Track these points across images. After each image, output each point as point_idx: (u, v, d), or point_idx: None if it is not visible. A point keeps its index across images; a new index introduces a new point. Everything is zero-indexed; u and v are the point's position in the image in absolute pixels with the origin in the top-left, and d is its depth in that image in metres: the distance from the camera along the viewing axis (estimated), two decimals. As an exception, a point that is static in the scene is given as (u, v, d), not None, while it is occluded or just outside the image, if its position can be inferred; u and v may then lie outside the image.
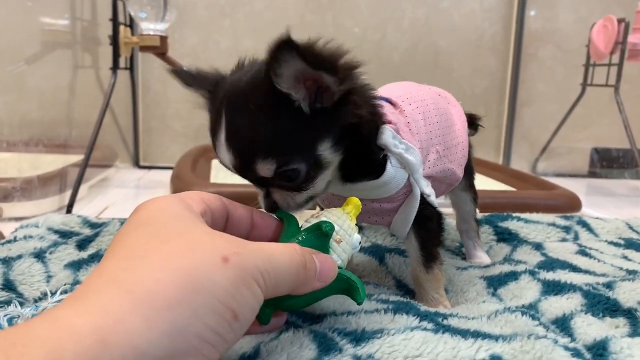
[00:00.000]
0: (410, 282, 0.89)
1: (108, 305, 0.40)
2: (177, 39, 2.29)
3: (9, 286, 0.84)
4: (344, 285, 0.61)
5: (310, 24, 2.35)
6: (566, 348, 0.60)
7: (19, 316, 0.68)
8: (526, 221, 1.20)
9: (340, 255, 0.62)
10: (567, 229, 1.20)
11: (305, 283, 0.55)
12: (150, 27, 1.75)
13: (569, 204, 1.57)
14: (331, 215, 0.64)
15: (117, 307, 0.40)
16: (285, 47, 0.55)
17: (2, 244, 0.97)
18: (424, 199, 0.76)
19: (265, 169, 0.62)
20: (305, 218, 0.66)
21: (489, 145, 2.59)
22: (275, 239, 0.65)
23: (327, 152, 0.65)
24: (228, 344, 0.46)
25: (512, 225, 1.18)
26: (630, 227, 1.24)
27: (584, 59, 2.27)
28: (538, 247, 1.06)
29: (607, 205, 1.91)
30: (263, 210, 0.68)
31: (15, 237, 0.99)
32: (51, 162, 1.50)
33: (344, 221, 0.64)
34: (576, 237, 1.18)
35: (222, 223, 0.61)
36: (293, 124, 0.62)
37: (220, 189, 1.37)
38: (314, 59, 0.57)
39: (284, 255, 0.52)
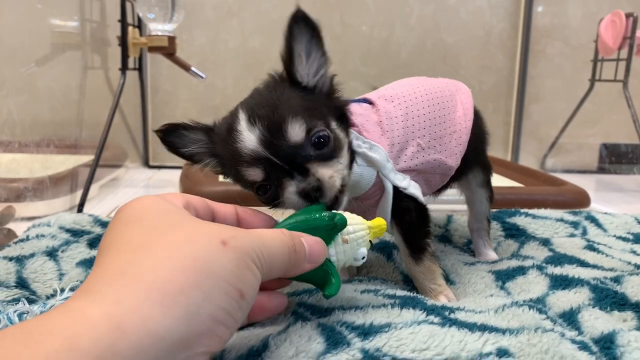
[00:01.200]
0: None
1: (120, 294, 0.41)
2: (186, 39, 2.31)
3: (22, 284, 0.85)
4: (321, 274, 0.62)
5: (318, 23, 2.36)
6: (573, 341, 0.60)
7: (28, 312, 0.69)
8: (534, 217, 1.20)
9: (338, 254, 0.63)
10: (575, 225, 1.20)
11: (296, 266, 0.57)
12: (158, 27, 1.76)
13: (578, 200, 1.56)
14: (352, 218, 0.65)
15: (130, 295, 0.41)
16: (300, 18, 0.67)
17: (15, 242, 0.98)
18: (401, 192, 0.79)
19: (297, 129, 0.65)
20: None
21: (497, 142, 2.59)
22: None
23: (338, 130, 0.71)
24: (237, 323, 0.48)
25: (520, 221, 1.18)
26: (639, 222, 1.23)
27: (592, 55, 2.26)
28: (546, 242, 1.06)
29: (617, 201, 1.91)
30: (251, 208, 0.68)
31: (27, 236, 1.01)
32: (62, 163, 1.52)
33: (360, 230, 0.64)
34: (584, 233, 1.18)
35: (209, 219, 0.62)
36: (307, 100, 0.70)
37: (228, 187, 1.38)
38: (319, 33, 0.69)
39: (274, 239, 0.54)
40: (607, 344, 0.61)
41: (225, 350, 0.57)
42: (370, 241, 0.66)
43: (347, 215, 0.65)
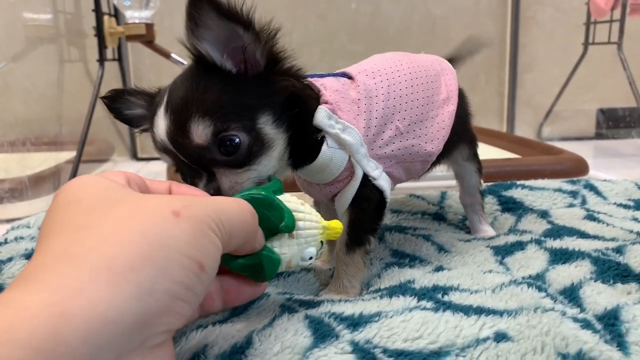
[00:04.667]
0: (407, 249, 0.90)
1: (63, 278, 0.37)
2: (167, 26, 2.24)
3: (0, 290, 0.82)
4: (257, 261, 0.55)
5: (302, 1, 2.31)
6: (575, 320, 0.56)
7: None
8: (531, 188, 1.17)
9: (281, 247, 0.57)
10: (574, 194, 1.17)
11: (253, 237, 0.53)
12: (135, 15, 1.71)
13: (576, 168, 1.53)
14: (308, 214, 0.59)
15: (74, 278, 0.37)
16: (198, 2, 0.58)
17: (-7, 247, 0.95)
18: (368, 180, 0.73)
19: (201, 131, 0.60)
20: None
21: (492, 113, 2.55)
22: None
23: (269, 127, 0.64)
24: (198, 298, 0.44)
25: (516, 193, 1.15)
26: (640, 188, 1.20)
27: (584, 18, 2.21)
28: (544, 214, 1.03)
29: (617, 167, 1.88)
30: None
31: (6, 239, 0.97)
32: (43, 161, 1.48)
33: (312, 228, 0.59)
34: (584, 202, 1.14)
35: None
36: (229, 92, 0.63)
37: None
38: (228, 11, 0.59)
39: (231, 205, 0.50)
40: (611, 320, 0.58)
41: (207, 346, 0.55)
42: (321, 242, 0.61)
43: (305, 209, 0.60)
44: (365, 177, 0.73)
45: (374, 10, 2.40)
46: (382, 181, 0.75)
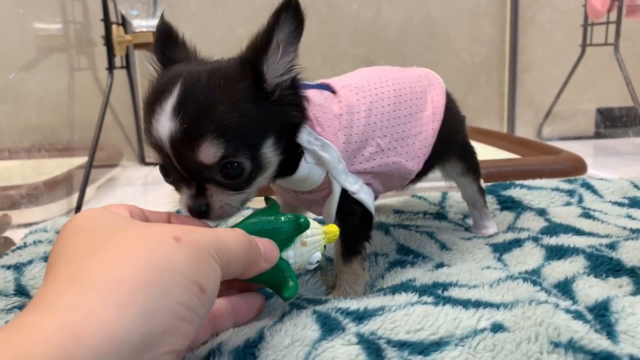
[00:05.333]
0: (412, 245, 0.92)
1: (72, 302, 0.39)
2: (172, 33, 2.28)
3: (22, 291, 0.85)
4: (280, 276, 0.61)
5: (303, 5, 2.33)
6: (567, 311, 0.60)
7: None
8: (529, 188, 1.20)
9: (296, 256, 0.62)
10: (571, 193, 1.20)
11: (254, 264, 0.55)
12: (142, 24, 1.75)
13: (574, 167, 1.56)
14: (311, 222, 0.64)
15: (84, 301, 0.39)
16: (292, 6, 0.59)
17: (13, 250, 0.98)
18: (349, 195, 0.74)
19: (211, 153, 0.58)
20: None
21: (492, 114, 2.57)
22: None
23: (269, 150, 0.64)
24: (200, 319, 0.46)
25: (515, 193, 1.18)
26: (636, 186, 1.23)
27: (581, 19, 2.24)
28: (542, 212, 1.06)
29: (615, 165, 1.90)
30: (181, 212, 0.65)
31: (25, 243, 1.01)
32: (56, 167, 1.52)
33: (317, 234, 0.64)
34: (580, 200, 1.18)
35: None
36: (249, 115, 0.60)
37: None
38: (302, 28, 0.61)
39: (230, 235, 0.52)
40: (601, 311, 0.62)
41: (222, 343, 0.57)
42: (324, 246, 0.65)
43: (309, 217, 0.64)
44: (345, 192, 0.74)
45: (375, 14, 2.43)
46: (363, 194, 0.75)
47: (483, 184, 1.06)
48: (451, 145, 0.92)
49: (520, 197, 1.17)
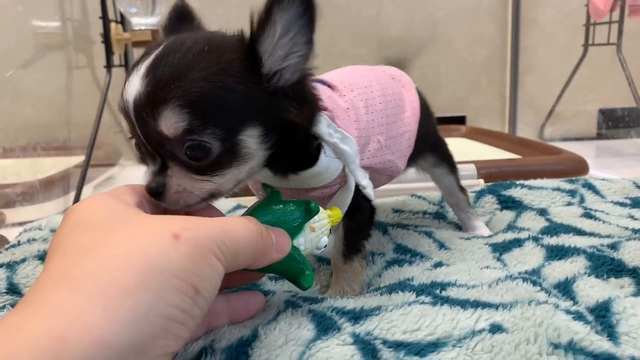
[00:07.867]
0: (409, 244, 0.91)
1: (61, 303, 0.38)
2: (172, 32, 2.27)
3: (14, 290, 0.84)
4: (295, 265, 0.59)
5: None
6: (567, 312, 0.59)
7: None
8: (530, 188, 1.19)
9: (306, 242, 0.60)
10: (572, 193, 1.18)
11: (264, 254, 0.53)
12: (141, 22, 1.74)
13: (576, 168, 1.55)
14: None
15: (71, 303, 0.38)
16: None
17: (6, 248, 0.97)
18: (359, 190, 0.72)
19: (171, 122, 0.51)
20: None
21: (494, 114, 2.56)
22: None
23: (252, 140, 0.56)
24: (196, 320, 0.45)
25: (516, 192, 1.17)
26: (638, 186, 1.22)
27: (584, 19, 2.23)
28: (542, 212, 1.05)
29: (617, 166, 1.89)
30: None
31: (19, 241, 1.00)
32: (52, 165, 1.51)
33: (324, 218, 0.62)
34: (582, 200, 1.16)
35: (162, 212, 0.57)
36: (234, 91, 0.53)
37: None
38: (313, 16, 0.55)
39: (239, 225, 0.50)
40: (602, 312, 0.60)
41: (215, 340, 0.56)
42: (330, 229, 0.63)
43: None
44: (356, 188, 0.72)
45: (376, 13, 2.42)
46: (370, 190, 0.74)
47: (481, 184, 1.04)
48: (426, 141, 0.92)
49: (520, 197, 1.15)
